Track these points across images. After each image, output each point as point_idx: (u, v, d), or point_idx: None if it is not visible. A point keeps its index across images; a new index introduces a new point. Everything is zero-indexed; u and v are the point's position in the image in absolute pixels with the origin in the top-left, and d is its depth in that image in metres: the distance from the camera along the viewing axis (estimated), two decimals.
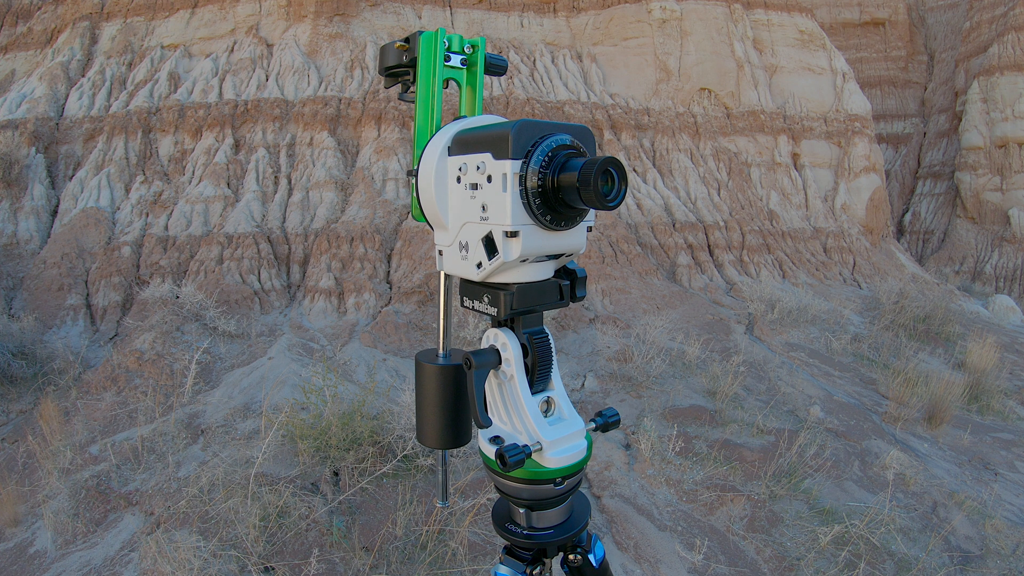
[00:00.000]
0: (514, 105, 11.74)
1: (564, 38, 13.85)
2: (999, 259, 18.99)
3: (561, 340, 8.05)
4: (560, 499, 0.74)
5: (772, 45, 14.81)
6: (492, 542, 3.78)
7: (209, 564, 3.37)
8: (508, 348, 0.70)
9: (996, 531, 4.71)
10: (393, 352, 7.48)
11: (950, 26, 25.65)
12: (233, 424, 5.50)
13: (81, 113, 11.17)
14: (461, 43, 0.78)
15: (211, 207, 9.81)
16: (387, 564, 3.54)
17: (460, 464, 4.60)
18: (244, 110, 10.97)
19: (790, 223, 13.15)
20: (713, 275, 11.45)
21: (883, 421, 6.66)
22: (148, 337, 7.15)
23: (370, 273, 9.04)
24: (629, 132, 12.72)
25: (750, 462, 5.26)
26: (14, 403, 6.51)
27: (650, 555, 4.02)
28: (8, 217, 9.74)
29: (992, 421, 7.27)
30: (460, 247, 0.69)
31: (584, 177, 0.58)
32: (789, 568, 4.03)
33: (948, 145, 22.13)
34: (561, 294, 0.72)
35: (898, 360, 8.41)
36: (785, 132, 14.21)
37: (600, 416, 0.76)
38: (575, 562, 0.78)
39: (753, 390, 6.98)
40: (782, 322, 9.57)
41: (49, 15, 13.35)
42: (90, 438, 5.46)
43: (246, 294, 8.52)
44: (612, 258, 10.35)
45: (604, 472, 4.94)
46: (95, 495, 4.51)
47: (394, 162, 10.58)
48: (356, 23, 12.44)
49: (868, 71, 25.01)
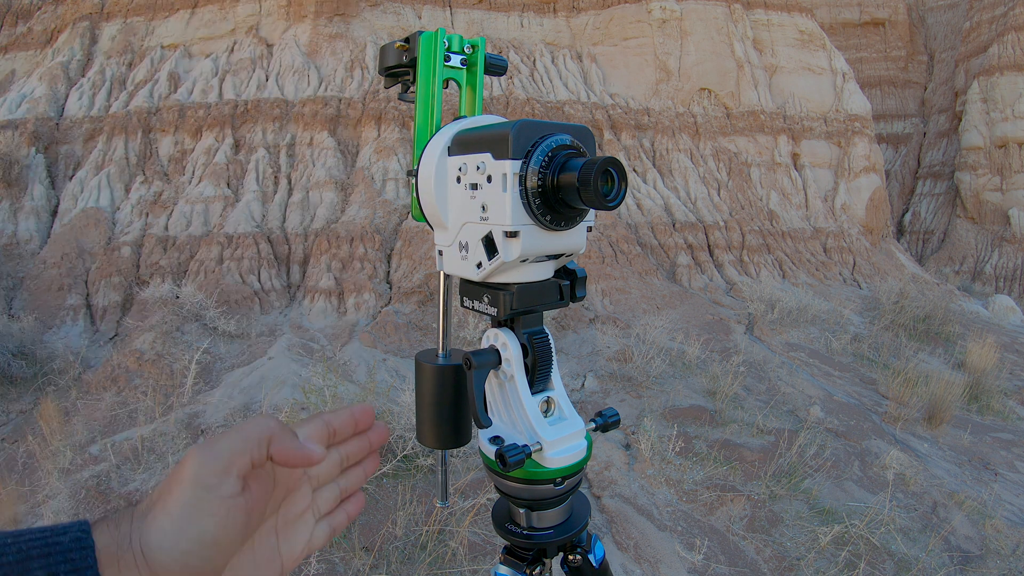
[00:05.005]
0: (514, 105, 11.74)
1: (564, 38, 13.85)
2: (999, 259, 18.99)
3: (561, 340, 8.06)
4: (560, 499, 0.74)
5: (772, 45, 14.81)
6: (492, 542, 3.78)
7: None
8: (508, 348, 0.70)
9: (996, 531, 4.71)
10: (393, 352, 7.48)
11: (950, 26, 25.65)
12: (233, 424, 5.50)
13: (81, 113, 11.17)
14: (461, 43, 0.78)
15: (211, 207, 9.81)
16: (387, 564, 3.54)
17: (460, 464, 4.60)
18: (244, 110, 10.97)
19: (790, 223, 13.15)
20: (713, 275, 11.46)
21: (883, 421, 6.66)
22: (148, 337, 7.15)
23: (370, 273, 9.04)
24: (629, 132, 12.72)
25: (750, 462, 5.26)
26: (14, 403, 6.51)
27: (650, 555, 4.02)
28: (8, 217, 9.74)
29: (992, 421, 7.27)
30: (460, 247, 0.69)
31: (584, 177, 0.58)
32: (789, 568, 4.03)
33: (948, 145, 22.13)
34: (561, 294, 0.72)
35: (898, 360, 8.41)
36: (785, 132, 14.21)
37: (600, 416, 0.76)
38: (575, 562, 0.78)
39: (753, 390, 6.98)
40: (782, 322, 9.57)
41: (49, 15, 13.35)
42: (90, 438, 5.46)
43: (246, 294, 8.52)
44: (612, 258, 10.36)
45: (604, 472, 4.94)
46: (95, 495, 4.51)
47: (394, 162, 10.58)
48: (356, 23, 12.45)
49: (868, 71, 25.01)
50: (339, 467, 0.60)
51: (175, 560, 0.45)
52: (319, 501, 0.59)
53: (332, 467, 0.59)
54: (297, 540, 0.57)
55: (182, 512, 0.46)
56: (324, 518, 0.60)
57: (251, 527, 0.50)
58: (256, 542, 0.54)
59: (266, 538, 0.55)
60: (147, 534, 0.45)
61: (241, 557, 0.52)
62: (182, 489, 0.46)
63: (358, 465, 0.62)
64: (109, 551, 0.44)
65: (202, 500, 0.46)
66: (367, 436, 0.62)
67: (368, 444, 0.62)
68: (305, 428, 0.56)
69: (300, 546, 0.57)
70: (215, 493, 0.46)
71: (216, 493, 0.46)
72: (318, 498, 0.59)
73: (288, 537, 0.56)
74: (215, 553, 0.46)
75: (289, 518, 0.57)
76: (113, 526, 0.46)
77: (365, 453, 0.62)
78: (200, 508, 0.46)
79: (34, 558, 0.42)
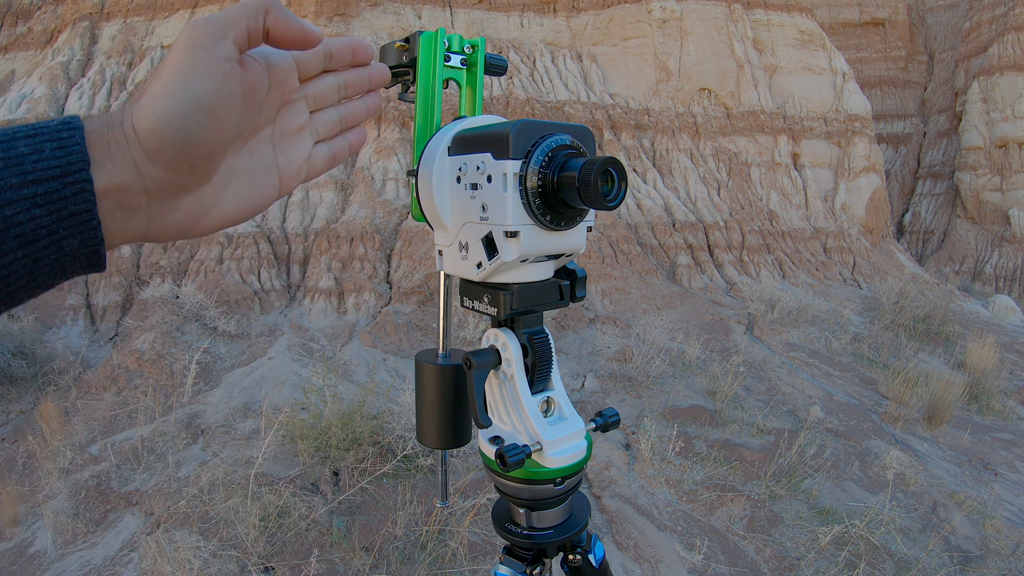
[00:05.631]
0: (514, 105, 11.74)
1: (564, 38, 13.85)
2: (999, 259, 18.99)
3: (561, 340, 8.06)
4: (560, 499, 0.74)
5: (772, 45, 14.81)
6: (492, 542, 3.78)
7: (209, 564, 3.37)
8: (508, 348, 0.70)
9: (996, 531, 4.71)
10: (393, 352, 7.48)
11: (950, 26, 25.66)
12: (233, 424, 5.50)
13: (81, 113, 11.17)
14: (461, 43, 0.78)
15: None
16: (387, 564, 3.54)
17: (460, 464, 4.60)
18: None
19: (790, 223, 13.15)
20: (713, 275, 11.46)
21: (883, 421, 6.66)
22: (148, 337, 7.15)
23: (370, 273, 9.04)
24: (629, 132, 12.72)
25: (750, 462, 5.26)
26: (14, 403, 6.51)
27: (650, 555, 4.02)
28: None
29: (992, 421, 7.27)
30: (460, 247, 0.69)
31: (584, 177, 0.58)
32: (789, 568, 4.03)
33: (948, 145, 22.14)
34: (561, 294, 0.72)
35: (898, 360, 8.41)
36: (785, 132, 14.21)
37: (600, 416, 0.76)
38: (575, 562, 0.78)
39: (753, 390, 6.98)
40: (782, 322, 9.57)
41: (49, 15, 13.35)
42: (90, 438, 5.46)
43: (246, 294, 8.52)
44: (612, 258, 10.36)
45: (604, 472, 4.94)
46: (95, 495, 4.51)
47: (394, 162, 10.58)
48: (356, 23, 12.45)
49: (868, 71, 25.02)
50: (337, 92, 0.58)
51: (167, 124, 0.42)
52: (318, 123, 0.57)
53: (330, 89, 0.57)
54: (295, 155, 0.55)
55: (176, 75, 0.43)
56: (325, 142, 0.58)
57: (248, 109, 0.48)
58: (252, 148, 0.52)
59: (263, 147, 0.53)
60: (139, 106, 0.43)
61: (238, 158, 0.50)
62: (176, 55, 0.44)
63: (359, 99, 0.61)
64: (99, 132, 0.42)
65: (197, 60, 0.43)
66: (366, 71, 0.59)
67: (368, 78, 0.60)
68: None
69: (298, 161, 0.55)
70: (210, 53, 0.44)
71: (211, 53, 0.44)
72: (317, 120, 0.57)
73: (285, 151, 0.55)
74: (209, 119, 0.44)
75: (286, 132, 0.55)
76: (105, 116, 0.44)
77: (364, 87, 0.60)
78: (195, 68, 0.43)
79: (19, 138, 0.40)
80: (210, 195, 0.48)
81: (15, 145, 0.40)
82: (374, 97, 0.62)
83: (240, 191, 0.51)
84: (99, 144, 0.42)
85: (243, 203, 0.51)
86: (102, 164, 0.42)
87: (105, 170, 0.42)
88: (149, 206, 0.45)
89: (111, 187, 0.42)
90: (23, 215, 0.39)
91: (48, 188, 0.39)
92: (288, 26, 0.49)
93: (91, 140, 0.42)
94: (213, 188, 0.48)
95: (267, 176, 0.53)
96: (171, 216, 0.46)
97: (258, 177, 0.52)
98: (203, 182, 0.47)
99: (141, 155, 0.43)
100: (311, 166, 0.57)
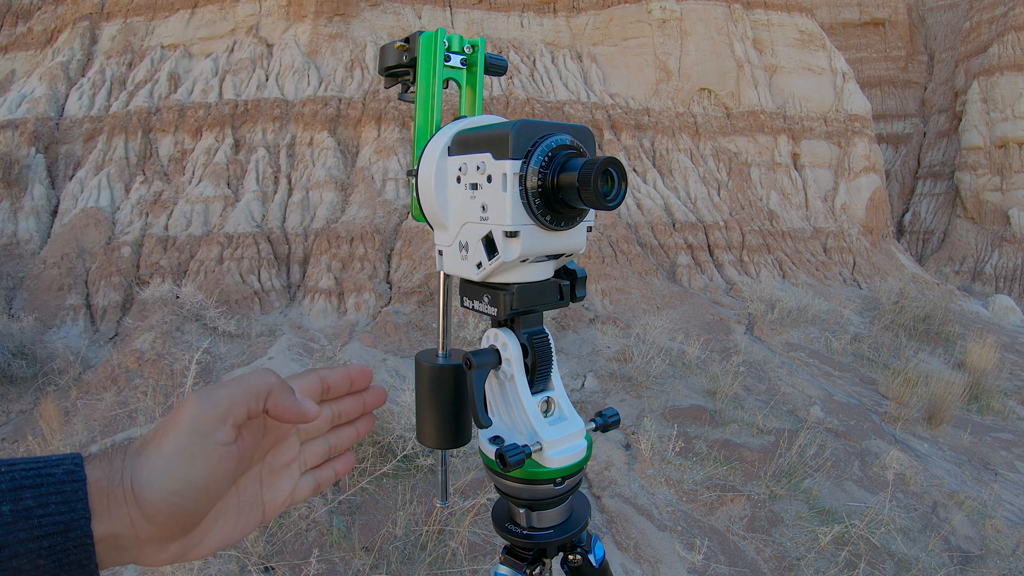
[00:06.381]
0: (514, 105, 11.74)
1: (564, 38, 13.85)
2: (999, 259, 18.99)
3: (561, 340, 8.06)
4: (560, 499, 0.74)
5: (772, 45, 14.81)
6: (492, 542, 3.78)
7: (209, 564, 3.37)
8: (508, 348, 0.70)
9: (996, 531, 4.71)
10: (393, 352, 7.48)
11: (950, 26, 25.66)
12: None
13: (81, 113, 11.17)
14: (461, 43, 0.78)
15: (211, 207, 9.81)
16: (387, 564, 3.54)
17: (460, 464, 4.60)
18: (244, 110, 10.97)
19: (790, 223, 13.15)
20: (713, 275, 11.46)
21: (883, 421, 6.66)
22: (148, 337, 7.15)
23: (370, 273, 9.04)
24: (629, 132, 12.72)
25: (750, 462, 5.26)
26: (14, 403, 6.51)
27: (650, 555, 4.02)
28: (8, 217, 9.74)
29: (992, 421, 7.27)
30: (460, 247, 0.69)
31: (584, 177, 0.58)
32: (789, 568, 4.03)
33: (948, 145, 22.14)
34: (561, 294, 0.72)
35: (898, 360, 8.41)
36: (785, 132, 14.21)
37: (600, 416, 0.76)
38: (575, 562, 0.78)
39: (753, 390, 6.98)
40: (782, 322, 9.57)
41: (49, 15, 13.35)
42: (90, 438, 5.46)
43: (246, 294, 8.52)
44: (612, 258, 10.36)
45: (604, 472, 4.94)
46: None
47: (394, 162, 10.58)
48: (356, 23, 12.45)
49: (868, 71, 25.02)
50: (329, 423, 0.61)
51: (164, 499, 0.46)
52: (306, 455, 0.60)
53: (322, 423, 0.61)
54: (280, 489, 0.58)
55: (175, 454, 0.47)
56: (311, 471, 0.61)
57: (239, 473, 0.52)
58: (241, 487, 0.55)
59: (251, 484, 0.56)
60: (139, 472, 0.46)
61: (226, 500, 0.54)
62: (177, 432, 0.47)
63: (350, 424, 0.63)
64: (100, 485, 0.46)
65: (196, 445, 0.47)
66: (362, 396, 0.63)
67: (363, 404, 0.63)
68: (299, 382, 0.57)
69: (283, 495, 0.58)
70: (209, 439, 0.48)
71: (210, 440, 0.48)
72: (306, 451, 0.60)
73: (272, 485, 0.58)
74: (203, 496, 0.48)
75: (275, 467, 0.58)
76: (106, 462, 0.47)
77: (358, 413, 0.63)
78: (193, 452, 0.47)
79: (26, 487, 0.43)
80: (196, 537, 0.52)
81: (22, 496, 0.43)
82: (366, 421, 0.65)
83: (225, 528, 0.54)
84: (99, 497, 0.46)
85: (226, 537, 0.55)
86: (101, 516, 0.45)
87: (103, 522, 0.46)
88: (140, 548, 0.48)
89: (108, 536, 0.46)
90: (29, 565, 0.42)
91: (53, 542, 0.43)
92: (286, 410, 0.53)
93: (92, 493, 0.45)
94: (200, 532, 0.52)
95: (252, 511, 0.56)
96: (159, 556, 0.50)
97: (243, 514, 0.56)
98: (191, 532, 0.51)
99: (138, 514, 0.46)
100: (295, 497, 0.60)
